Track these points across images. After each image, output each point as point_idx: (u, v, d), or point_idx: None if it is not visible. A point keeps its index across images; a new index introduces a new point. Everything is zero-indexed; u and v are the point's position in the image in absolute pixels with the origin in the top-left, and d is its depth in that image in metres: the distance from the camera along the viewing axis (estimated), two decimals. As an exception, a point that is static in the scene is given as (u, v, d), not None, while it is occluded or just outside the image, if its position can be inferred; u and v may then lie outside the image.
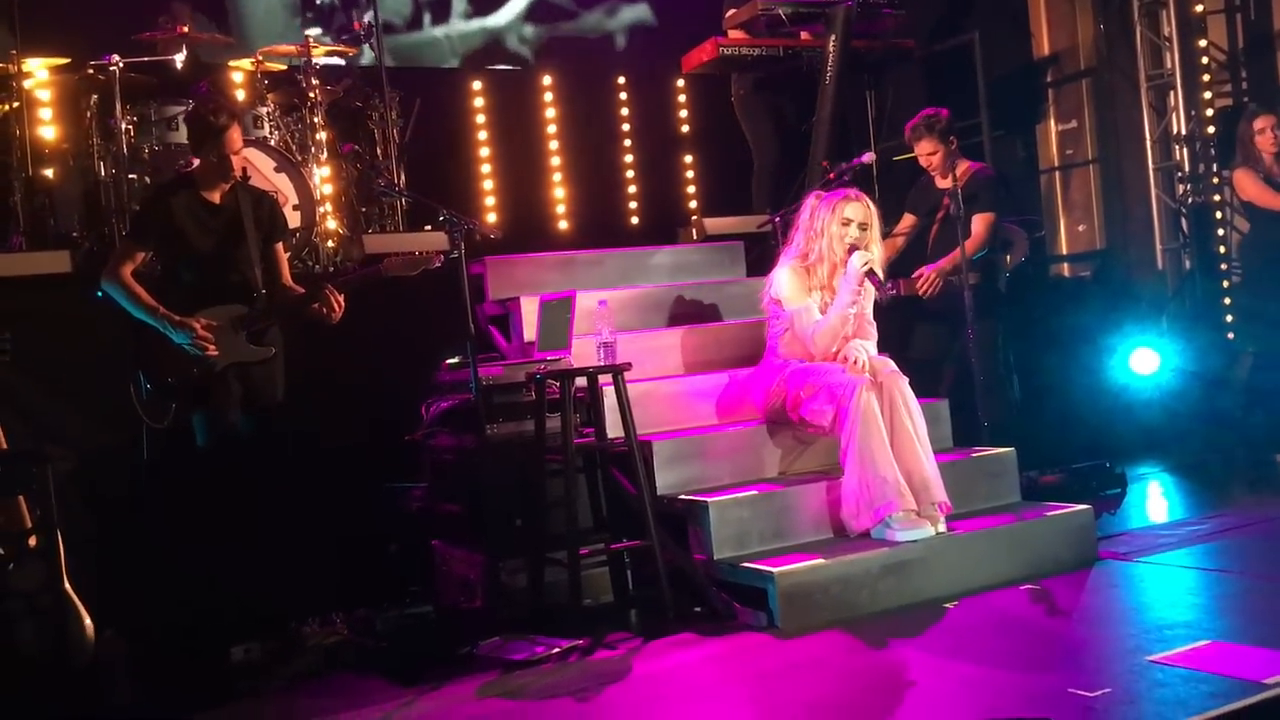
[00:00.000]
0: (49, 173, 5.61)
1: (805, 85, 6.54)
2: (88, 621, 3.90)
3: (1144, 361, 6.92)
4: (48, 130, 5.69)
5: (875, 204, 4.88)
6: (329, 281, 5.04)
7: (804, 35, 6.71)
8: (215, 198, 4.50)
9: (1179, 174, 7.83)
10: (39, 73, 5.64)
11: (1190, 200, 7.73)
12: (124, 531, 4.59)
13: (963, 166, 5.70)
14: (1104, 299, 7.54)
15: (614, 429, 4.59)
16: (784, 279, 4.84)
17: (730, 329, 5.54)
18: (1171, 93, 7.80)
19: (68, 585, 3.85)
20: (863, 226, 4.77)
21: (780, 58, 6.55)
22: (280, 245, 4.64)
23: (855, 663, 3.77)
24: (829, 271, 4.81)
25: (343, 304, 4.44)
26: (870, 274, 4.69)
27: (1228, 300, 7.41)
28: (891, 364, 4.72)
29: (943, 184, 5.78)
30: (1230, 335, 7.29)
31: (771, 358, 4.92)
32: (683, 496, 4.58)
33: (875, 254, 4.77)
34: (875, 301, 5.52)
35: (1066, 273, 8.14)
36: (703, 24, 6.83)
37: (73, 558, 3.94)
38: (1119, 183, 8.04)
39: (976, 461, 4.98)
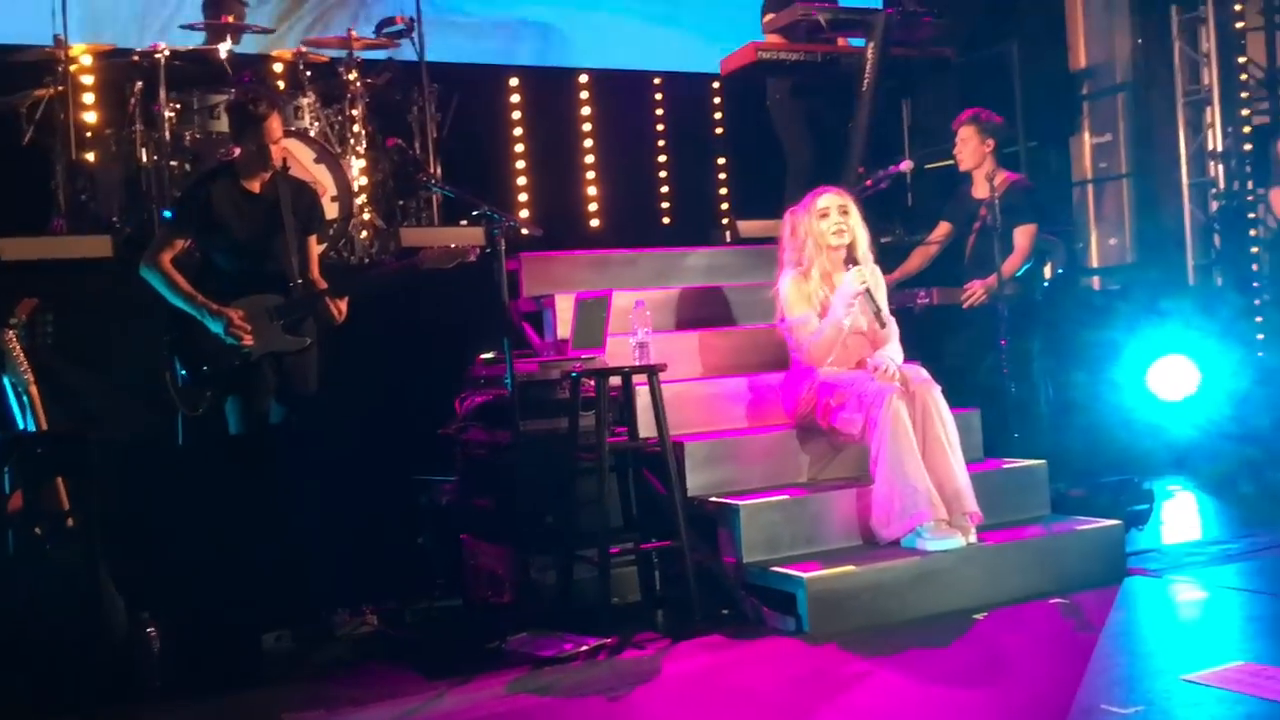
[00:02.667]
0: (90, 157, 5.66)
1: (841, 91, 6.52)
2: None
3: (1174, 377, 6.89)
4: (90, 115, 5.74)
5: (856, 199, 4.90)
6: (364, 275, 5.09)
7: (841, 41, 6.71)
8: (255, 187, 4.52)
9: (1213, 190, 7.80)
10: (83, 58, 5.68)
11: (1223, 217, 7.69)
12: (159, 516, 4.62)
13: (1000, 177, 5.68)
14: (1134, 313, 7.50)
15: (646, 429, 4.60)
16: (784, 289, 4.86)
17: (763, 332, 5.52)
18: (1208, 109, 7.77)
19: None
20: (842, 210, 4.80)
21: (818, 63, 6.54)
22: (314, 238, 4.66)
23: (885, 671, 3.77)
24: (821, 272, 4.82)
25: (344, 312, 4.47)
26: (868, 293, 4.70)
27: (1259, 318, 7.37)
28: (924, 372, 4.71)
29: (980, 194, 5.77)
30: (1260, 353, 7.25)
31: (798, 364, 4.92)
32: (714, 499, 4.59)
33: (861, 237, 4.79)
34: (908, 309, 5.54)
35: (1097, 286, 8.11)
36: (740, 27, 6.85)
37: (108, 541, 3.98)
38: (1152, 197, 8.00)
39: (1007, 473, 4.97)
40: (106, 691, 3.78)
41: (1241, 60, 7.58)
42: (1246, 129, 7.57)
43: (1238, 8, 7.57)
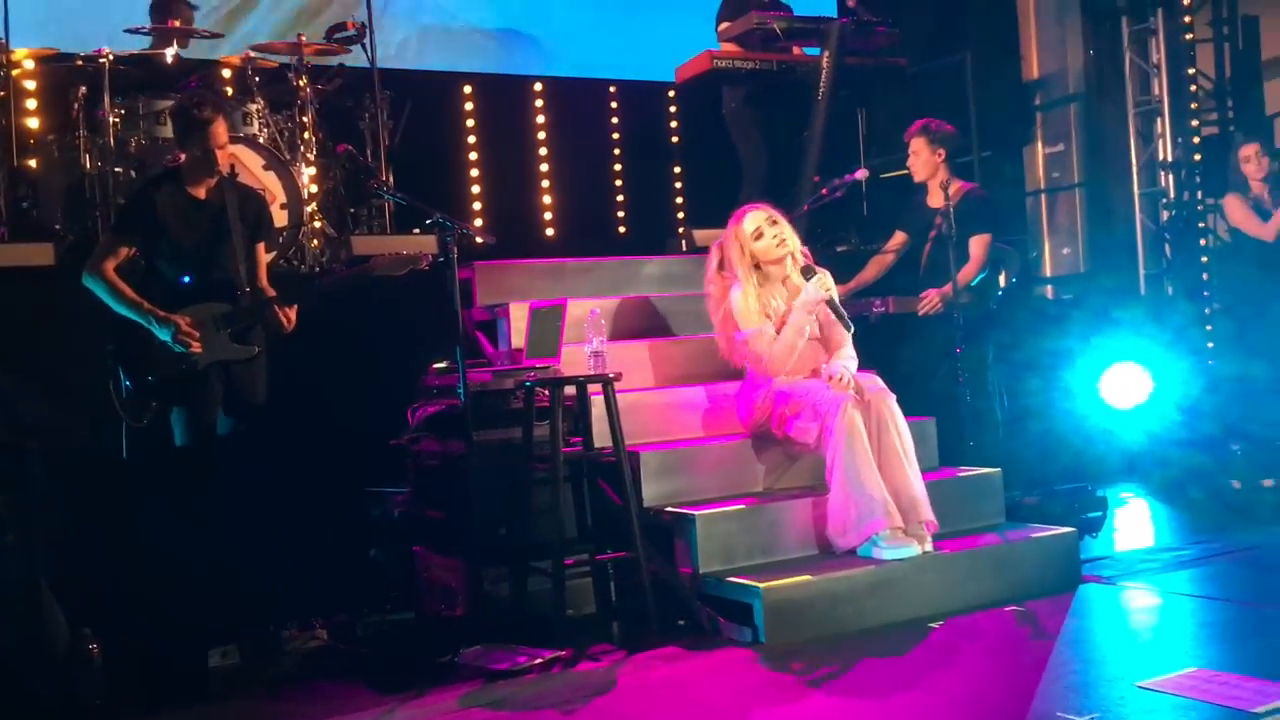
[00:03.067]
0: (33, 163, 5.55)
1: (797, 99, 6.53)
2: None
3: (1127, 385, 6.95)
4: (33, 121, 5.64)
5: (785, 221, 4.89)
6: (315, 282, 5.01)
7: (796, 50, 6.72)
8: (201, 193, 4.44)
9: (1164, 200, 7.88)
10: (25, 62, 5.58)
11: (1174, 227, 7.78)
12: (102, 530, 4.52)
13: (955, 186, 5.71)
14: (1086, 322, 7.57)
15: (601, 439, 4.56)
16: (737, 303, 4.82)
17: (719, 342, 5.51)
18: (1158, 119, 7.87)
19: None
20: (771, 222, 4.80)
21: (774, 71, 6.55)
22: (262, 245, 4.59)
23: (841, 681, 3.75)
24: (765, 285, 4.81)
25: (293, 320, 4.39)
26: (830, 302, 4.69)
27: (1209, 326, 7.45)
28: (879, 381, 4.71)
29: (935, 203, 5.79)
30: (1210, 361, 7.33)
31: (753, 373, 4.90)
32: (669, 509, 4.55)
33: (794, 239, 4.79)
34: (863, 317, 5.54)
35: (1050, 295, 8.17)
36: (696, 35, 6.84)
37: (49, 555, 3.88)
38: (1104, 207, 8.08)
39: (962, 481, 4.98)
40: (47, 710, 3.68)
41: (1191, 71, 7.68)
42: (1196, 139, 7.67)
43: (1187, 19, 7.67)
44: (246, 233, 4.47)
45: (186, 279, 4.34)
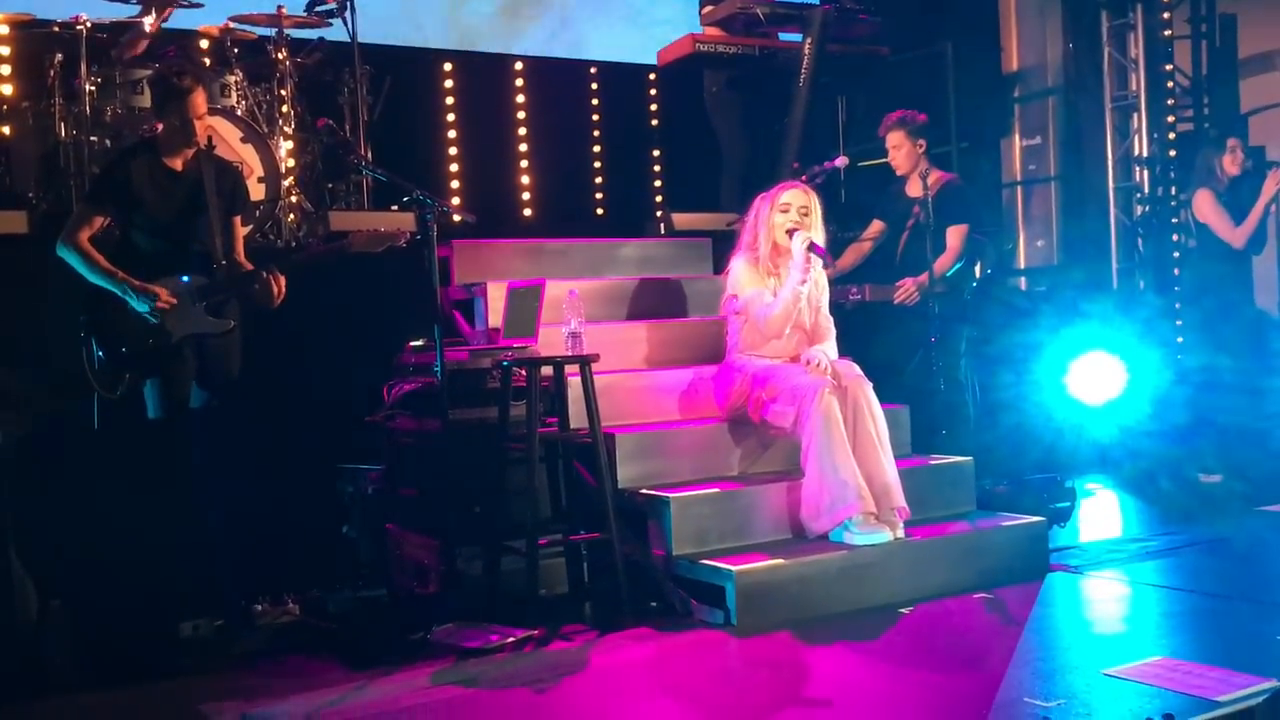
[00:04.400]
0: (6, 130, 5.49)
1: (778, 85, 6.54)
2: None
3: (1098, 378, 7.01)
4: (6, 87, 5.58)
5: (819, 197, 4.93)
6: (291, 257, 4.98)
7: (778, 36, 6.72)
8: (177, 165, 4.39)
9: (1138, 195, 7.94)
10: (0, 28, 5.51)
11: (1147, 221, 7.85)
12: (73, 501, 4.49)
13: (934, 176, 5.73)
14: (1058, 314, 7.62)
15: (577, 419, 4.56)
16: (738, 269, 4.89)
17: (696, 325, 5.53)
18: (1135, 114, 7.92)
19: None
20: (802, 211, 4.82)
21: (756, 57, 6.56)
22: (238, 219, 4.54)
23: (811, 664, 3.79)
24: (771, 253, 4.85)
25: (283, 289, 4.33)
26: (812, 246, 4.73)
27: (1179, 321, 7.52)
28: (856, 368, 4.74)
29: (914, 193, 5.81)
30: (1179, 355, 7.40)
31: (733, 355, 4.93)
32: (644, 491, 4.56)
33: (818, 239, 4.81)
34: (839, 304, 5.57)
35: (1023, 286, 8.22)
36: (679, 19, 6.84)
37: (19, 526, 3.85)
38: (1079, 201, 8.14)
39: (935, 469, 5.01)
40: (15, 682, 3.66)
41: (1168, 68, 7.73)
42: (1171, 135, 7.72)
43: (1166, 16, 7.73)
44: (223, 206, 4.42)
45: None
